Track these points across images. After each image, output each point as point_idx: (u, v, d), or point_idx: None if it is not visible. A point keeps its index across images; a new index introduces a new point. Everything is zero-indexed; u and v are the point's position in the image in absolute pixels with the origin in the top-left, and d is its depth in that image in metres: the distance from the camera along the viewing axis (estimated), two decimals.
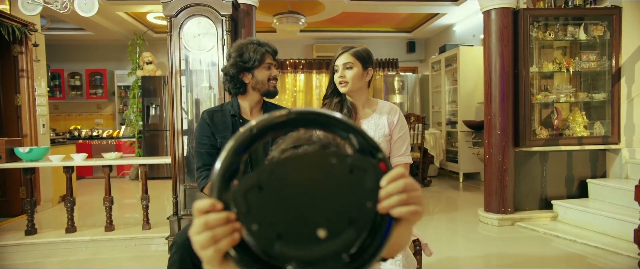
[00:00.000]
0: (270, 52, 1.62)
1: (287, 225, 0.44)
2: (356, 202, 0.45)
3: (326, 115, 0.50)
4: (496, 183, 3.40)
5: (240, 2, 2.99)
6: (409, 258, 1.41)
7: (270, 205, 0.44)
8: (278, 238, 0.44)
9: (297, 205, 0.44)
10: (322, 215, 0.44)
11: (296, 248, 0.44)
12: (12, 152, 2.92)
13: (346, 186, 0.45)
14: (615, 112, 3.41)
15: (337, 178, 0.45)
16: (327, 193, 0.44)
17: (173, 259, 1.33)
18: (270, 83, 1.62)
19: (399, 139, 1.65)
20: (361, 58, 1.59)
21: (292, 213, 0.44)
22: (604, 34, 3.41)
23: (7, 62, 3.93)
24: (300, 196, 0.44)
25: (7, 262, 2.74)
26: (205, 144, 1.58)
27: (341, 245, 0.44)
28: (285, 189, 0.45)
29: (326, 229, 0.44)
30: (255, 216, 0.44)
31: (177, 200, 2.82)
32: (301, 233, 0.44)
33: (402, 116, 1.68)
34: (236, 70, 1.57)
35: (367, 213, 0.45)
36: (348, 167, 0.45)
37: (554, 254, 2.75)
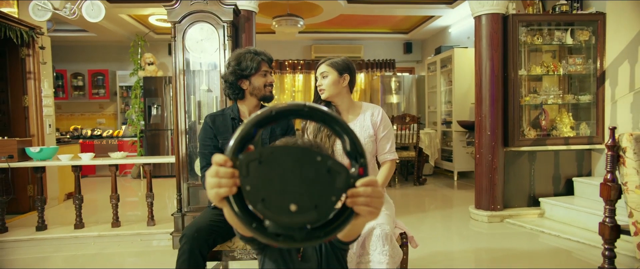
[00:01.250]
0: (265, 60, 1.77)
1: (270, 193, 0.58)
2: (325, 194, 0.59)
3: (332, 115, 0.64)
4: (486, 181, 3.55)
5: (241, 8, 3.12)
6: (395, 249, 1.55)
7: (262, 176, 0.59)
8: (262, 200, 0.58)
9: (281, 182, 0.58)
10: (297, 195, 0.58)
11: (272, 211, 0.58)
12: (23, 152, 3.05)
13: (321, 180, 0.59)
14: (600, 114, 3.55)
15: (317, 172, 0.59)
16: (305, 180, 0.58)
17: (183, 249, 1.47)
18: (266, 89, 1.78)
19: (384, 138, 1.79)
20: (336, 66, 1.76)
21: (276, 186, 0.58)
22: (590, 38, 3.55)
23: (15, 64, 4.06)
24: (286, 176, 0.58)
25: (20, 256, 2.88)
26: (208, 145, 1.73)
27: (305, 220, 0.58)
28: (278, 168, 0.59)
29: (297, 205, 0.58)
30: (250, 180, 0.59)
31: (181, 197, 2.96)
32: (279, 202, 0.58)
33: (385, 115, 1.83)
34: (235, 77, 1.73)
35: (329, 204, 0.60)
36: (327, 167, 0.59)
37: (540, 249, 2.90)
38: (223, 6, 2.88)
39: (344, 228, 0.61)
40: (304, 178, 0.58)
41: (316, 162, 0.59)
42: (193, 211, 2.95)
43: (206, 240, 1.51)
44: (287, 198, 0.58)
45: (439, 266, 2.60)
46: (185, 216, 2.93)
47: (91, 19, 3.09)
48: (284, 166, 0.58)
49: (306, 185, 0.58)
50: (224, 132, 1.73)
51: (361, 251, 1.54)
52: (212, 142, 1.72)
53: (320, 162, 0.59)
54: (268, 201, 0.58)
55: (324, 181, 0.59)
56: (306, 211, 0.58)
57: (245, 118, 1.80)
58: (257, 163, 0.58)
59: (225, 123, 1.75)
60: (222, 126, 1.75)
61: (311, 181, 0.58)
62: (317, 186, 0.58)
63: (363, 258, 1.54)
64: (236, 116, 1.77)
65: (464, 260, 2.76)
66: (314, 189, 0.58)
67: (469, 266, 2.67)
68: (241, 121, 1.78)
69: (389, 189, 5.26)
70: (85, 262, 2.77)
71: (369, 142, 1.77)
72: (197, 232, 1.49)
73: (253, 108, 1.81)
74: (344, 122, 0.65)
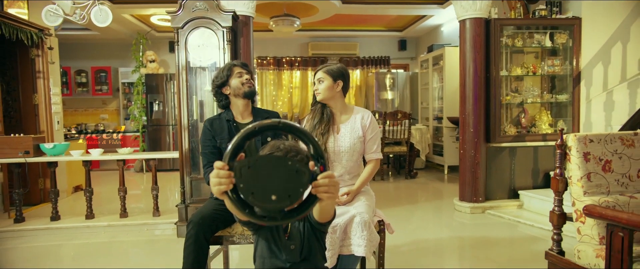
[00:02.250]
0: (237, 65, 2.05)
1: (257, 189, 0.84)
2: (295, 187, 0.84)
3: (300, 130, 0.90)
4: (469, 175, 3.79)
5: (239, 13, 3.34)
6: (373, 235, 1.80)
7: (251, 177, 0.84)
8: (252, 193, 0.84)
9: (264, 180, 0.84)
10: (275, 188, 0.83)
11: (259, 201, 0.84)
12: (38, 148, 3.29)
13: (292, 178, 0.84)
14: (576, 112, 3.80)
15: (288, 173, 0.84)
16: (281, 179, 0.84)
17: (190, 234, 1.72)
18: (244, 86, 2.02)
19: (371, 140, 2.04)
20: (331, 73, 1.99)
21: (261, 184, 0.84)
22: (567, 41, 3.78)
23: (25, 64, 4.28)
24: (267, 176, 0.84)
25: (38, 244, 3.13)
26: (208, 145, 1.98)
27: (282, 205, 0.84)
28: (261, 171, 0.84)
29: (276, 196, 0.83)
30: (242, 180, 0.84)
31: (184, 190, 3.21)
32: (263, 194, 0.83)
33: (374, 119, 2.07)
34: (216, 88, 2.02)
35: (298, 193, 0.85)
36: (296, 169, 0.84)
37: (515, 237, 3.15)
38: (222, 13, 3.10)
39: (311, 209, 0.87)
40: (280, 177, 0.83)
41: (288, 165, 0.84)
42: (195, 203, 3.19)
43: (209, 226, 1.75)
44: (269, 191, 0.83)
45: (421, 253, 2.86)
46: (188, 207, 3.18)
47: (99, 23, 3.31)
48: (265, 170, 0.83)
49: (281, 182, 0.83)
50: (221, 133, 1.98)
51: (343, 235, 1.79)
52: (212, 143, 1.97)
53: (290, 165, 0.84)
54: (256, 194, 0.83)
55: (293, 179, 0.84)
56: (283, 199, 0.83)
57: (238, 119, 2.05)
58: (247, 168, 0.84)
59: (222, 126, 2.00)
60: (219, 128, 1.99)
61: (285, 179, 0.83)
62: (289, 182, 0.84)
63: (345, 242, 1.79)
64: (231, 118, 2.03)
65: (444, 247, 3.01)
66: (287, 184, 0.84)
67: (448, 253, 2.93)
68: (235, 122, 2.03)
69: (381, 182, 5.52)
70: (97, 249, 3.03)
71: (357, 142, 2.02)
72: (202, 219, 1.73)
73: (244, 109, 2.05)
74: (309, 135, 0.90)
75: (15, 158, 3.20)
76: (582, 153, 1.76)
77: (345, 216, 1.78)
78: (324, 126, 1.99)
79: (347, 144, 1.99)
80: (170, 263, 2.67)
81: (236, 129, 2.00)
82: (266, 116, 2.08)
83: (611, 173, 1.76)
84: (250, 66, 3.36)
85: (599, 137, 1.79)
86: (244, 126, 2.03)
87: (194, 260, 1.70)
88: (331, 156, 2.00)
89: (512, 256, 2.79)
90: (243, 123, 2.04)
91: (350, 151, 1.99)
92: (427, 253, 2.84)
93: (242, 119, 2.05)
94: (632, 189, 1.77)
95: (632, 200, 1.71)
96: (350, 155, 2.00)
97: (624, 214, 1.44)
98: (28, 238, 3.22)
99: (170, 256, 2.79)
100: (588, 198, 1.71)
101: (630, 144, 1.80)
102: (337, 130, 2.02)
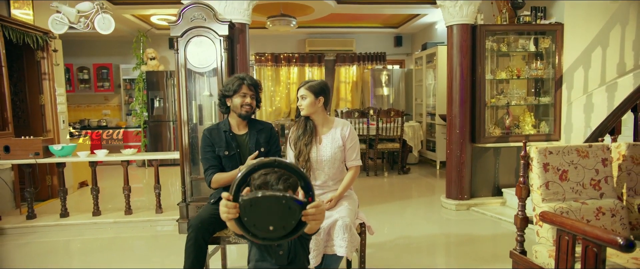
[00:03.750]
0: (247, 83, 2.20)
1: (257, 221, 1.05)
2: (287, 219, 1.06)
3: (294, 168, 1.11)
4: (455, 174, 4.00)
5: (235, 22, 3.50)
6: (354, 237, 2.01)
7: (252, 212, 1.05)
8: (253, 225, 1.06)
9: (263, 215, 1.05)
10: (272, 221, 1.05)
11: (260, 230, 1.06)
12: (46, 149, 3.49)
13: (285, 213, 1.05)
14: (557, 114, 3.98)
15: (283, 209, 1.05)
16: (276, 213, 1.05)
17: (190, 236, 1.93)
18: (242, 108, 2.20)
19: (351, 148, 2.24)
20: (313, 90, 2.18)
21: (261, 217, 1.05)
22: (550, 46, 3.95)
23: (31, 66, 4.46)
24: (265, 211, 1.05)
25: (49, 239, 3.36)
26: (208, 152, 2.18)
27: (278, 235, 1.06)
28: (261, 207, 1.05)
29: (273, 227, 1.05)
30: (246, 214, 1.05)
31: (185, 189, 3.42)
32: (263, 226, 1.05)
33: (353, 130, 2.27)
34: (222, 96, 2.21)
35: (290, 224, 1.07)
36: (288, 206, 1.05)
37: (496, 233, 3.37)
38: (219, 22, 3.27)
39: (301, 232, 1.10)
40: (276, 212, 1.05)
41: (282, 204, 1.05)
42: (195, 201, 3.41)
43: (208, 229, 1.96)
44: (267, 223, 1.05)
45: (405, 249, 3.08)
46: (188, 205, 3.40)
47: (103, 31, 3.48)
48: (264, 207, 1.05)
49: (277, 216, 1.06)
50: (219, 142, 2.18)
51: (327, 237, 2.00)
52: (211, 149, 2.18)
53: (284, 204, 1.06)
54: (257, 226, 1.06)
55: (287, 214, 1.06)
56: (278, 230, 1.06)
57: (235, 130, 2.25)
58: (250, 206, 1.05)
59: (219, 135, 2.20)
60: (217, 137, 2.20)
61: (280, 215, 1.06)
62: (283, 216, 1.06)
63: (329, 243, 2.00)
64: (228, 128, 2.22)
65: (427, 244, 3.23)
66: (282, 218, 1.06)
67: (431, 250, 3.15)
68: (232, 132, 2.22)
69: (375, 177, 5.73)
70: (105, 245, 3.25)
71: (338, 151, 2.22)
72: (201, 223, 1.95)
73: (240, 121, 2.25)
74: (300, 172, 1.11)
75: (26, 159, 3.41)
76: (542, 164, 1.95)
77: (329, 219, 1.99)
78: (307, 137, 2.20)
79: (328, 154, 2.19)
80: (173, 258, 2.90)
81: (233, 139, 2.20)
82: (261, 128, 2.28)
83: (567, 182, 1.96)
84: (247, 70, 3.56)
85: (558, 150, 1.99)
86: (240, 137, 2.24)
87: (194, 260, 1.92)
88: (314, 164, 2.20)
89: (492, 253, 3.01)
90: (239, 134, 2.24)
91: (331, 159, 2.20)
92: (411, 250, 3.06)
93: (239, 131, 2.25)
94: (585, 196, 1.97)
95: (583, 206, 1.91)
96: (332, 163, 2.20)
97: (568, 220, 1.64)
98: (40, 234, 3.45)
99: (173, 252, 3.02)
100: (546, 205, 1.92)
101: (585, 156, 1.99)
102: (319, 141, 2.23)
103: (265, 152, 2.22)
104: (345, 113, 5.85)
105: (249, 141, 2.22)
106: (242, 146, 2.21)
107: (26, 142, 3.42)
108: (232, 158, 2.16)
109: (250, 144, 2.21)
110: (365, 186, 5.27)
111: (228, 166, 2.17)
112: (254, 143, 2.21)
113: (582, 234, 1.56)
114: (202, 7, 3.25)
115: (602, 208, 1.93)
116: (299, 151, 2.21)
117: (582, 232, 1.56)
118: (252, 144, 2.21)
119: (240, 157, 2.18)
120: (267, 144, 2.24)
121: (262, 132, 2.26)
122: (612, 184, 2.02)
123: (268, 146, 2.24)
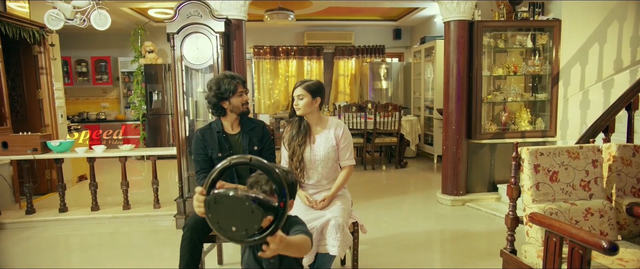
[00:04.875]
0: (240, 82, 2.20)
1: (220, 220, 1.03)
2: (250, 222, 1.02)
3: (268, 167, 1.07)
4: (451, 170, 4.03)
5: (232, 18, 3.49)
6: (346, 236, 2.04)
7: (216, 210, 1.03)
8: (216, 222, 1.03)
9: (227, 214, 1.02)
10: (235, 222, 1.02)
11: (223, 230, 1.03)
12: (44, 145, 3.52)
13: (248, 215, 1.02)
14: (554, 110, 3.99)
15: (245, 211, 1.01)
16: (239, 215, 1.02)
17: (185, 236, 1.96)
18: (243, 106, 2.22)
19: (344, 148, 2.26)
20: (310, 90, 2.18)
21: (224, 216, 1.02)
22: (547, 42, 3.94)
23: (29, 61, 4.46)
24: (230, 212, 1.02)
25: (48, 234, 3.40)
26: (200, 153, 2.19)
27: (241, 236, 1.03)
28: (225, 207, 1.02)
29: (235, 228, 1.02)
30: (210, 211, 1.03)
31: (182, 185, 3.45)
32: (226, 225, 1.02)
33: (347, 130, 2.28)
34: (217, 100, 2.15)
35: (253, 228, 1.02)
36: (252, 208, 1.02)
37: (489, 229, 3.41)
38: (216, 19, 3.26)
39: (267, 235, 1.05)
40: (238, 214, 1.02)
41: (246, 206, 1.02)
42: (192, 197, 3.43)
43: (202, 229, 1.99)
44: (229, 223, 1.02)
45: (399, 246, 3.12)
46: (186, 201, 3.43)
47: (99, 27, 3.47)
48: (227, 206, 1.02)
49: (240, 217, 1.02)
50: (211, 143, 2.19)
51: (320, 236, 2.03)
52: (203, 152, 2.18)
53: (247, 206, 1.02)
54: (220, 224, 1.03)
55: (249, 216, 1.02)
56: (240, 231, 1.03)
57: (228, 130, 2.25)
58: (214, 203, 1.02)
59: (212, 136, 2.21)
60: (210, 138, 2.20)
61: (243, 215, 1.02)
62: (246, 219, 1.02)
63: (322, 242, 2.03)
64: (220, 129, 2.23)
65: (422, 240, 3.26)
66: (245, 219, 1.02)
67: (425, 246, 3.19)
68: (225, 133, 2.23)
69: (372, 171, 5.76)
70: (103, 240, 3.30)
71: (331, 151, 2.24)
72: (195, 223, 1.97)
73: (233, 121, 2.25)
74: (274, 172, 1.07)
75: (25, 155, 3.43)
76: (533, 165, 1.97)
77: (322, 219, 2.02)
78: (301, 138, 2.21)
79: (322, 153, 2.21)
80: (170, 253, 2.94)
81: (225, 140, 2.21)
82: (253, 126, 2.29)
83: (557, 183, 1.99)
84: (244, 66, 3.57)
85: (549, 151, 2.00)
86: (233, 136, 2.25)
87: (189, 260, 1.95)
88: (307, 164, 2.22)
89: (486, 249, 3.05)
90: (232, 134, 2.25)
91: (325, 159, 2.21)
92: (405, 247, 3.10)
93: (232, 131, 2.25)
94: (575, 197, 1.99)
95: (572, 207, 1.94)
96: (325, 162, 2.22)
97: (556, 222, 1.67)
98: (39, 229, 3.49)
99: (170, 247, 3.06)
100: (536, 205, 1.94)
101: (575, 157, 2.01)
102: (313, 140, 2.24)
103: (258, 150, 2.24)
104: (343, 107, 5.86)
105: (241, 140, 2.23)
106: (235, 146, 2.22)
107: (24, 138, 3.44)
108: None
109: (243, 143, 2.22)
110: (362, 180, 5.30)
111: None
112: (247, 142, 2.23)
113: (568, 236, 1.59)
114: (198, 3, 3.24)
115: (591, 208, 1.96)
116: (293, 151, 2.23)
117: (569, 234, 1.59)
118: (245, 143, 2.22)
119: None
120: (260, 143, 2.26)
121: (255, 131, 2.27)
122: (602, 185, 2.05)
123: (261, 144, 2.26)
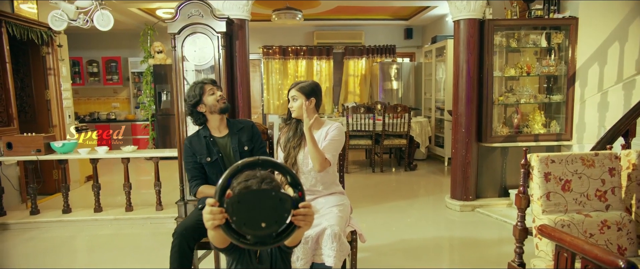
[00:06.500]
0: (206, 82, 2.14)
1: (247, 220, 0.98)
2: (280, 213, 0.98)
3: (279, 165, 1.04)
4: (460, 174, 3.88)
5: (234, 17, 3.42)
6: (343, 245, 1.94)
7: (241, 210, 0.98)
8: (244, 224, 0.98)
9: (254, 211, 0.97)
10: (264, 217, 0.97)
11: (252, 229, 0.97)
12: (48, 146, 3.52)
13: (276, 206, 0.98)
14: (569, 112, 3.81)
15: (273, 202, 0.98)
16: (267, 208, 0.97)
17: (174, 244, 1.90)
18: (219, 102, 2.14)
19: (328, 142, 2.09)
20: (304, 91, 2.09)
21: (251, 215, 0.97)
22: (563, 41, 3.76)
23: (37, 62, 4.50)
24: (256, 208, 0.97)
25: (52, 235, 3.40)
26: (190, 162, 2.14)
27: (272, 231, 0.98)
28: (250, 204, 0.98)
29: (265, 223, 0.97)
30: (234, 214, 0.97)
31: (183, 187, 3.40)
32: (254, 223, 0.97)
33: (340, 129, 2.13)
34: (191, 107, 2.11)
35: (284, 218, 0.99)
36: (279, 198, 0.98)
37: (500, 237, 3.26)
38: (217, 19, 3.20)
39: (293, 234, 1.02)
40: (267, 207, 0.98)
41: (272, 196, 0.99)
42: (194, 200, 3.39)
43: (192, 235, 1.92)
44: (258, 220, 0.97)
45: (404, 253, 3.00)
46: (187, 204, 3.39)
47: (101, 27, 3.46)
48: (253, 202, 0.97)
49: (268, 210, 0.98)
50: (200, 150, 2.13)
51: (315, 246, 1.93)
52: (193, 159, 2.12)
53: (274, 196, 0.99)
54: (248, 224, 0.97)
55: (278, 206, 0.98)
56: (271, 225, 0.98)
57: (215, 133, 2.19)
58: (237, 203, 0.97)
59: (200, 142, 2.14)
60: (198, 145, 2.14)
61: (271, 208, 0.98)
62: (275, 210, 0.98)
63: (317, 251, 1.94)
64: (208, 134, 2.16)
65: (428, 248, 3.14)
66: (273, 212, 0.98)
67: (431, 254, 3.06)
68: (212, 136, 2.16)
69: (381, 174, 5.64)
70: (106, 241, 3.27)
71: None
72: (185, 230, 1.91)
73: (219, 122, 2.18)
74: (285, 168, 1.04)
75: (28, 156, 3.44)
76: (543, 173, 1.84)
77: (317, 228, 1.92)
78: (296, 140, 2.12)
79: None
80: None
81: (213, 144, 2.14)
82: (241, 127, 2.22)
83: (570, 192, 1.85)
84: (247, 66, 3.50)
85: (561, 158, 1.87)
86: (221, 139, 2.17)
87: (178, 267, 1.88)
88: (301, 167, 2.13)
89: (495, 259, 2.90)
90: (220, 137, 2.18)
91: None
92: (410, 255, 2.97)
93: (219, 133, 2.19)
94: (589, 208, 1.85)
95: (586, 219, 1.80)
96: None
97: (568, 236, 1.54)
98: (43, 230, 3.49)
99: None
100: (546, 217, 1.81)
101: (590, 165, 1.87)
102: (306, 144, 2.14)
103: (249, 150, 2.16)
104: (351, 108, 5.75)
105: (230, 142, 2.16)
106: (224, 149, 2.15)
107: (28, 139, 3.45)
108: (215, 164, 2.10)
109: (232, 144, 2.15)
110: (370, 182, 5.19)
111: (212, 174, 2.11)
112: (237, 143, 2.16)
113: (581, 252, 1.46)
114: (199, 3, 3.18)
115: (607, 221, 1.82)
116: (288, 153, 2.15)
117: (581, 250, 1.46)
118: (234, 144, 2.15)
119: (223, 162, 2.12)
120: (250, 142, 2.19)
121: (243, 131, 2.20)
122: (620, 196, 1.90)
123: (251, 144, 2.19)
